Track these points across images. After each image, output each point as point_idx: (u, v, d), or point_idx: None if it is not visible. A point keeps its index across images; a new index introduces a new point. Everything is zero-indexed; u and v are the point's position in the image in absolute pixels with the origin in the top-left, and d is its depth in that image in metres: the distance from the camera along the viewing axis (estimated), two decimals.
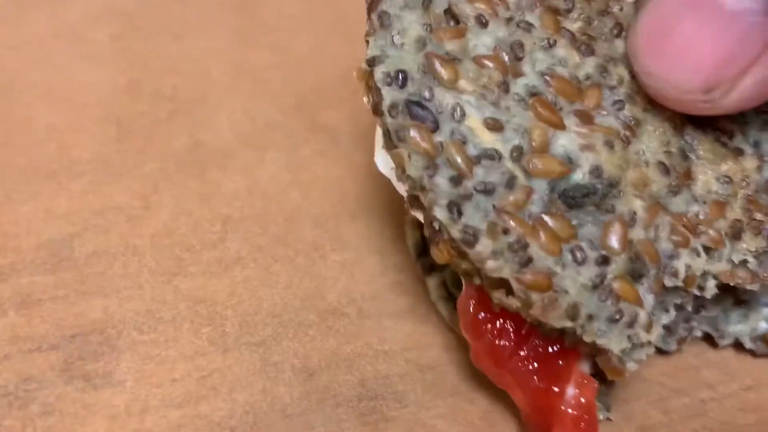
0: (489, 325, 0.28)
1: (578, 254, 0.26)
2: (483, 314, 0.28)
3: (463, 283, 0.29)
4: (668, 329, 0.33)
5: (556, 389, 0.28)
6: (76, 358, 0.32)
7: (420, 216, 0.28)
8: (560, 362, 0.28)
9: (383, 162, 0.31)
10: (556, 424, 0.29)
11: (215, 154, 0.39)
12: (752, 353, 0.34)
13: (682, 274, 0.27)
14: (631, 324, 0.27)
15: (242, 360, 0.32)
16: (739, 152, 0.30)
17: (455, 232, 0.26)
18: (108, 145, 0.39)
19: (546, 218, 0.26)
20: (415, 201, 0.28)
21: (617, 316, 0.26)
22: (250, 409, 0.31)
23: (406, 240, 0.36)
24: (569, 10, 0.30)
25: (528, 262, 0.25)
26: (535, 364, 0.28)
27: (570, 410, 0.28)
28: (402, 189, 0.29)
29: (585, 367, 0.29)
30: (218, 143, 0.40)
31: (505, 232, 0.26)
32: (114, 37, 0.44)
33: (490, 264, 0.26)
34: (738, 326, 0.34)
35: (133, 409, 0.31)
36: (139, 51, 0.43)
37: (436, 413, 0.32)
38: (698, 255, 0.28)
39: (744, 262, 0.29)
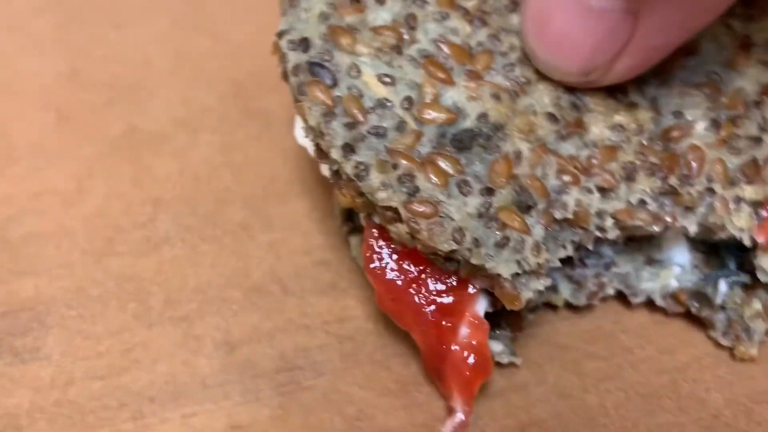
0: (389, 265, 0.30)
1: (464, 187, 0.29)
2: (384, 255, 0.30)
3: (365, 226, 0.31)
4: (578, 283, 0.35)
5: (449, 326, 0.30)
6: (6, 334, 0.33)
7: (326, 169, 0.31)
8: (454, 300, 0.30)
9: (300, 134, 0.33)
10: (447, 362, 0.30)
11: (150, 138, 0.40)
12: (663, 311, 0.35)
13: (571, 207, 0.29)
14: (519, 249, 0.29)
15: (165, 334, 0.34)
16: (633, 105, 0.32)
17: (349, 169, 0.29)
18: (46, 131, 0.40)
19: (434, 156, 0.29)
20: (320, 153, 0.30)
21: (503, 242, 0.28)
22: (170, 380, 0.32)
23: (333, 208, 0.37)
24: None
25: (415, 191, 0.28)
26: (431, 303, 0.30)
27: (461, 349, 0.30)
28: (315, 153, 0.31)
29: (479, 309, 0.30)
30: (153, 128, 0.41)
31: (395, 167, 0.29)
32: (57, 26, 0.45)
33: (380, 194, 0.28)
34: (649, 284, 0.35)
35: (58, 381, 0.32)
36: (81, 40, 0.44)
37: (352, 381, 0.33)
38: (590, 192, 0.30)
39: (643, 203, 0.31)
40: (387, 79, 0.30)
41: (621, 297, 0.35)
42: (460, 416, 0.31)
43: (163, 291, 0.35)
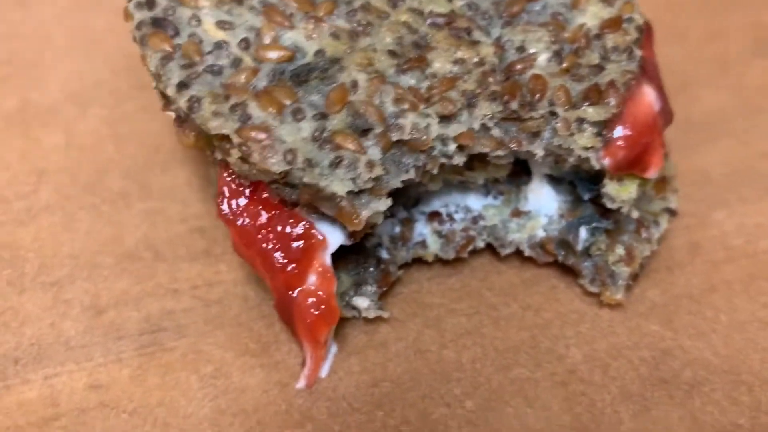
0: (240, 210, 0.31)
1: (298, 114, 0.30)
2: (235, 201, 0.31)
3: (218, 172, 0.32)
4: (446, 237, 0.35)
5: (296, 272, 0.31)
6: None
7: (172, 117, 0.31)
8: (303, 247, 0.31)
9: None
10: (294, 309, 0.31)
11: (41, 112, 0.41)
12: (534, 270, 0.36)
13: (407, 129, 0.30)
14: (353, 168, 0.29)
15: (36, 298, 0.34)
16: (475, 43, 0.33)
17: (182, 103, 0.30)
18: None
19: (270, 89, 0.30)
20: (164, 101, 0.31)
21: (337, 161, 0.29)
22: (35, 342, 0.33)
23: (211, 177, 0.38)
24: None
25: (247, 119, 0.29)
26: (279, 248, 0.31)
27: (307, 296, 0.31)
28: None
29: (327, 259, 0.31)
30: (46, 102, 0.42)
31: (227, 98, 0.30)
32: None
33: (212, 123, 0.29)
34: (517, 235, 0.36)
35: None
36: None
37: (214, 342, 0.33)
38: (428, 117, 0.31)
39: (486, 129, 0.31)
40: (226, 25, 0.31)
41: (493, 251, 0.36)
42: (309, 366, 0.31)
43: (38, 258, 0.36)
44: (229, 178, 0.31)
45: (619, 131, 0.32)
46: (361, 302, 0.33)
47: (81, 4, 0.46)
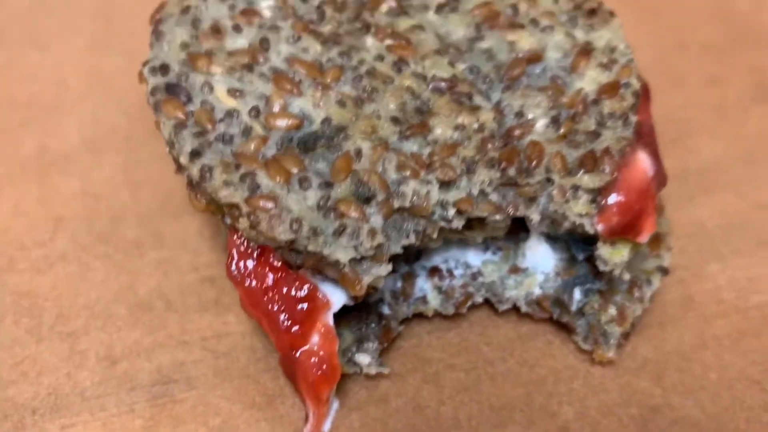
0: (248, 271, 0.32)
1: (305, 182, 0.31)
2: (244, 262, 0.33)
3: (228, 233, 0.33)
4: (446, 293, 0.37)
5: (299, 333, 0.32)
6: None
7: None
8: (307, 308, 0.32)
9: None
10: (297, 368, 0.32)
11: (59, 158, 0.43)
12: (531, 326, 0.37)
13: (409, 197, 0.31)
14: (355, 236, 0.31)
15: (53, 348, 0.36)
16: (476, 108, 0.34)
17: (194, 172, 0.31)
18: None
19: (278, 157, 0.31)
20: (178, 166, 0.33)
21: (340, 229, 0.31)
22: (53, 392, 0.35)
23: (220, 229, 0.39)
24: (321, 20, 0.35)
25: (256, 188, 0.31)
26: (284, 310, 0.32)
27: (310, 356, 0.32)
28: None
29: (329, 320, 0.33)
30: (63, 148, 0.43)
31: (237, 167, 0.31)
32: None
33: (223, 192, 0.31)
34: (514, 291, 0.37)
35: None
36: (2, 59, 0.47)
37: (222, 394, 0.35)
38: (429, 183, 0.32)
39: (484, 194, 0.32)
40: (237, 93, 0.33)
41: (491, 305, 0.37)
42: (311, 422, 0.33)
43: (55, 307, 0.37)
44: (238, 241, 0.33)
45: (613, 198, 0.33)
46: (363, 359, 0.35)
47: (97, 45, 0.48)
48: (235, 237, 0.33)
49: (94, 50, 0.48)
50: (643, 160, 0.34)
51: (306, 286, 0.33)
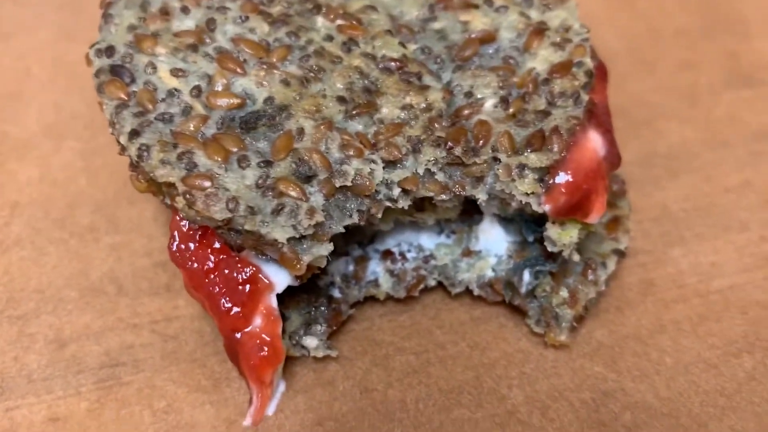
0: (190, 253, 0.32)
1: (244, 161, 0.31)
2: (185, 244, 0.32)
3: (171, 215, 0.33)
4: (398, 277, 0.36)
5: (240, 316, 0.32)
6: None
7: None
8: (249, 290, 0.32)
9: None
10: (240, 350, 0.32)
11: (18, 145, 0.43)
12: (484, 309, 0.37)
13: (351, 175, 0.31)
14: (294, 214, 0.30)
15: (1, 331, 0.36)
16: (425, 88, 0.33)
17: (133, 151, 0.31)
18: None
19: (218, 137, 0.31)
20: (121, 147, 0.32)
21: (279, 208, 0.30)
22: None
23: None
24: (271, 0, 0.35)
25: (193, 167, 0.30)
26: (226, 292, 0.32)
27: (252, 339, 0.32)
28: None
29: (272, 302, 0.32)
30: (23, 135, 0.43)
31: (175, 146, 0.31)
32: None
33: (159, 171, 0.30)
34: (467, 274, 0.36)
35: None
36: None
37: (168, 377, 0.35)
38: (374, 163, 0.31)
39: (430, 174, 0.32)
40: (180, 73, 0.32)
41: (445, 288, 0.37)
42: (255, 404, 0.33)
43: (6, 291, 0.37)
44: (180, 222, 0.33)
45: (561, 177, 0.32)
46: (310, 342, 0.35)
47: (63, 35, 0.48)
48: (178, 218, 0.33)
49: (59, 40, 0.48)
50: (593, 140, 0.34)
51: (248, 269, 0.32)
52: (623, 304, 0.37)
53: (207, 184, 0.30)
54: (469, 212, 0.37)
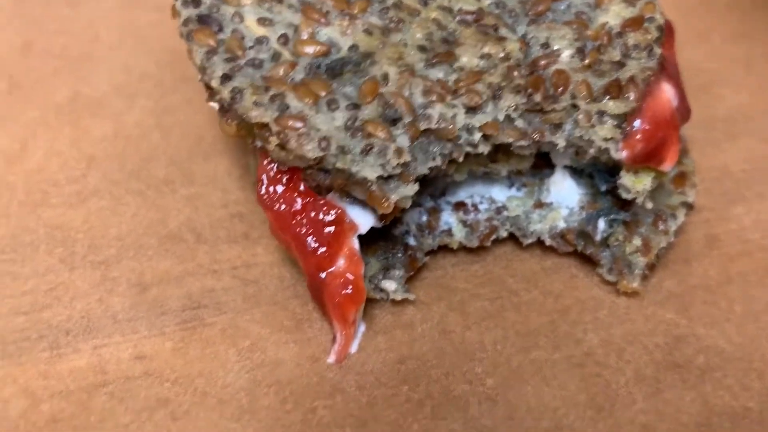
0: (278, 196, 0.33)
1: (333, 104, 0.32)
2: (273, 187, 0.33)
3: (259, 159, 0.34)
4: (471, 227, 0.37)
5: (326, 256, 0.33)
6: None
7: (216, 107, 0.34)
8: (334, 231, 0.33)
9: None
10: (324, 290, 0.33)
11: (91, 103, 0.44)
12: (554, 260, 0.38)
13: (435, 119, 0.32)
14: (382, 154, 0.31)
15: (85, 276, 0.37)
16: (502, 39, 0.34)
17: (225, 94, 0.32)
18: None
19: (307, 81, 0.32)
20: (210, 92, 0.33)
21: (368, 148, 0.31)
22: (85, 315, 0.35)
23: (249, 166, 0.40)
24: None
25: (285, 109, 0.31)
26: (312, 233, 0.33)
27: (336, 278, 0.33)
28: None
29: (355, 243, 0.33)
30: (95, 94, 0.44)
31: (267, 89, 0.32)
32: (15, 2, 0.48)
33: (253, 113, 0.31)
34: (539, 225, 0.37)
35: None
36: (37, 15, 0.48)
37: (251, 319, 0.35)
38: (456, 108, 0.32)
39: (510, 120, 0.33)
40: (266, 22, 0.33)
41: (516, 240, 0.38)
42: (339, 342, 0.33)
43: (87, 238, 0.38)
44: (268, 166, 0.34)
45: (637, 125, 0.33)
46: (389, 285, 0.35)
47: (127, 2, 0.49)
48: (265, 162, 0.34)
49: (125, 7, 0.49)
50: (666, 91, 0.35)
51: (333, 211, 0.33)
52: (690, 256, 0.38)
53: (299, 124, 0.31)
54: (540, 165, 0.38)
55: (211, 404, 0.33)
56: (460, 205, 0.38)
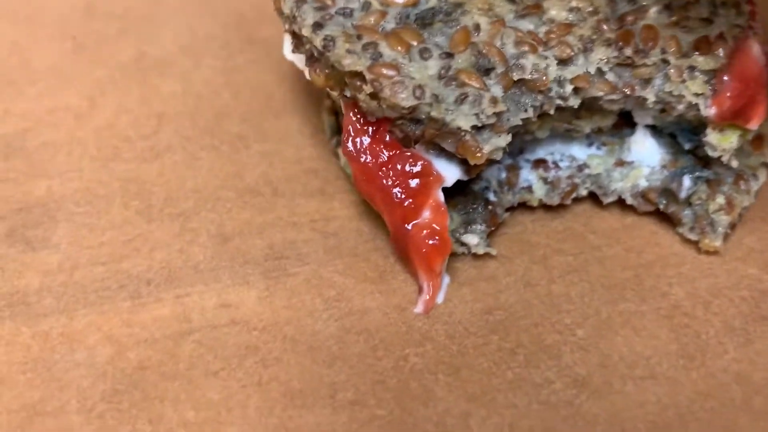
0: (363, 148, 0.33)
1: (425, 53, 0.32)
2: (359, 139, 0.33)
3: (344, 111, 0.34)
4: (552, 184, 0.37)
5: (412, 207, 0.33)
6: (20, 226, 0.36)
7: (301, 61, 0.34)
8: (419, 183, 0.33)
9: (288, 50, 0.36)
10: (410, 241, 0.33)
11: (157, 63, 0.43)
12: (634, 216, 0.37)
13: (528, 69, 0.32)
14: (477, 104, 0.31)
15: (163, 227, 0.36)
16: None
17: (317, 42, 0.32)
18: (64, 57, 0.44)
19: (398, 30, 0.32)
20: (297, 42, 0.33)
21: (462, 97, 0.31)
22: (166, 265, 0.35)
23: (323, 124, 0.40)
24: None
25: (378, 57, 0.31)
26: (398, 185, 0.33)
27: (422, 229, 0.33)
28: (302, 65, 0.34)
29: (440, 195, 0.33)
30: (161, 54, 0.44)
31: (359, 38, 0.32)
32: None
33: (346, 61, 0.31)
34: (620, 184, 0.37)
35: (65, 266, 0.35)
36: None
37: (334, 269, 0.35)
38: (547, 59, 0.32)
39: (601, 73, 0.33)
40: None
41: (594, 198, 0.38)
42: (426, 293, 0.33)
43: (163, 191, 0.38)
44: (354, 118, 0.33)
45: (726, 82, 0.33)
46: (471, 239, 0.35)
47: None
48: (351, 114, 0.33)
49: None
50: (755, 49, 0.35)
51: (420, 162, 0.33)
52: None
53: (393, 72, 0.31)
54: (620, 125, 0.38)
55: (301, 351, 0.32)
56: (540, 162, 0.37)
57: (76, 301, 0.34)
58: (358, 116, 0.33)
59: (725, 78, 0.33)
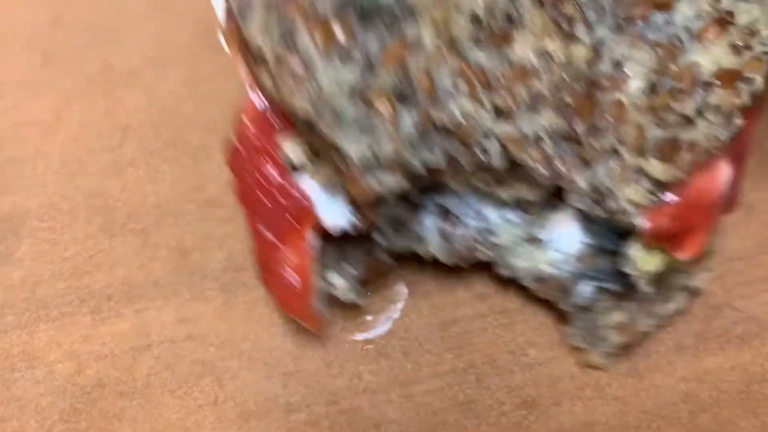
0: (245, 161, 0.31)
1: (346, 58, 0.27)
2: (244, 153, 0.31)
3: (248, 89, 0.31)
4: (448, 240, 0.32)
5: (278, 244, 0.30)
6: None
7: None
8: (291, 219, 0.30)
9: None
10: (270, 280, 0.31)
11: (123, 74, 0.44)
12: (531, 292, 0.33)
13: (452, 114, 0.27)
14: (373, 132, 0.27)
15: (126, 243, 0.37)
16: (572, 38, 0.28)
17: (233, 4, 0.28)
18: (31, 71, 0.44)
19: (329, 17, 0.27)
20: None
21: (364, 121, 0.27)
22: (126, 281, 0.36)
23: None
24: None
25: (293, 45, 0.27)
26: (272, 215, 0.30)
27: (287, 269, 0.30)
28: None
29: (311, 238, 0.30)
30: (127, 65, 0.44)
31: (278, 11, 0.28)
32: None
33: (257, 38, 0.28)
34: (523, 262, 0.32)
35: (27, 282, 0.36)
36: None
37: None
38: (483, 107, 0.27)
39: (539, 140, 0.28)
40: None
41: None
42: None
43: (126, 206, 0.38)
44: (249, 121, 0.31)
45: (673, 199, 0.28)
46: (337, 280, 0.32)
47: None
48: (254, 96, 0.30)
49: None
50: (723, 173, 0.29)
51: (299, 204, 0.30)
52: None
53: (301, 72, 0.27)
54: (548, 197, 0.31)
55: (257, 368, 0.33)
56: (443, 210, 0.32)
57: (38, 318, 0.34)
58: (262, 98, 0.30)
59: (674, 195, 0.28)
